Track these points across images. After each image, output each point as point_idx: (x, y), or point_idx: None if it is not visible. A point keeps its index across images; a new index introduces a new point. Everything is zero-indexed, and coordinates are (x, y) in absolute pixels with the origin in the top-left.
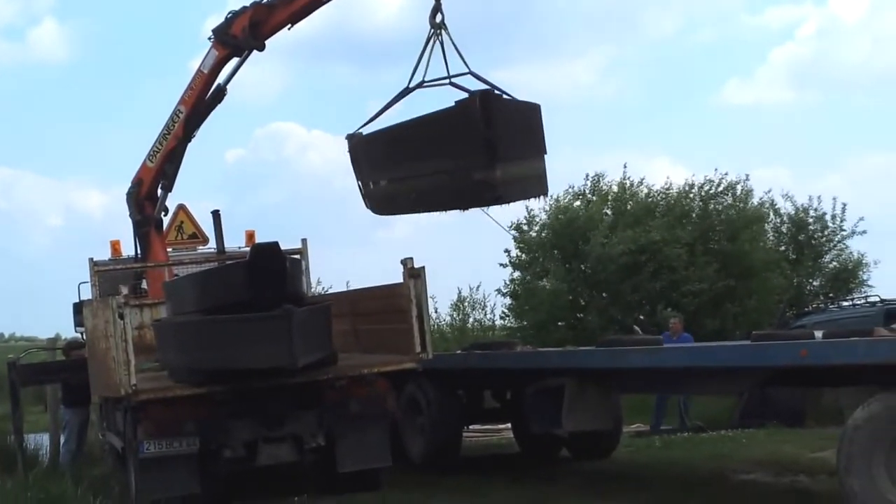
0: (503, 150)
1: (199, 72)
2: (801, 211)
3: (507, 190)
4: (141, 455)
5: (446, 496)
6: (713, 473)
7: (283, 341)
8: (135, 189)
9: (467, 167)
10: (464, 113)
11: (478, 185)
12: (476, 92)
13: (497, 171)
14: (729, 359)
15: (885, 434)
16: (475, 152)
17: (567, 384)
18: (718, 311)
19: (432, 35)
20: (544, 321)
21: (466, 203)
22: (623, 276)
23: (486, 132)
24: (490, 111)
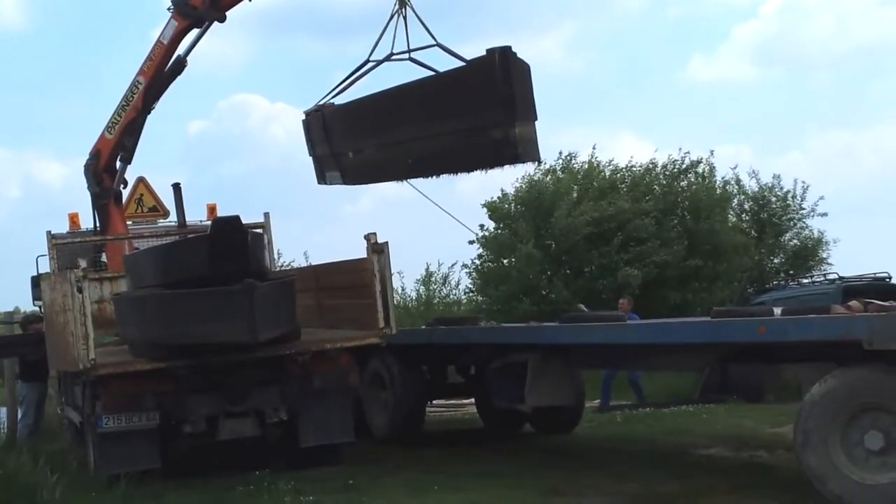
0: (520, 108)
1: (158, 43)
2: (765, 189)
3: (525, 149)
4: (100, 429)
5: (409, 470)
6: (673, 448)
7: (245, 316)
8: (93, 161)
9: (483, 125)
10: (482, 70)
11: (496, 144)
12: (494, 49)
13: (516, 128)
14: (689, 335)
15: (841, 410)
16: (494, 109)
17: (530, 360)
18: (685, 287)
19: (396, 9)
20: (513, 294)
21: (479, 164)
22: (589, 247)
23: (505, 88)
24: (508, 67)
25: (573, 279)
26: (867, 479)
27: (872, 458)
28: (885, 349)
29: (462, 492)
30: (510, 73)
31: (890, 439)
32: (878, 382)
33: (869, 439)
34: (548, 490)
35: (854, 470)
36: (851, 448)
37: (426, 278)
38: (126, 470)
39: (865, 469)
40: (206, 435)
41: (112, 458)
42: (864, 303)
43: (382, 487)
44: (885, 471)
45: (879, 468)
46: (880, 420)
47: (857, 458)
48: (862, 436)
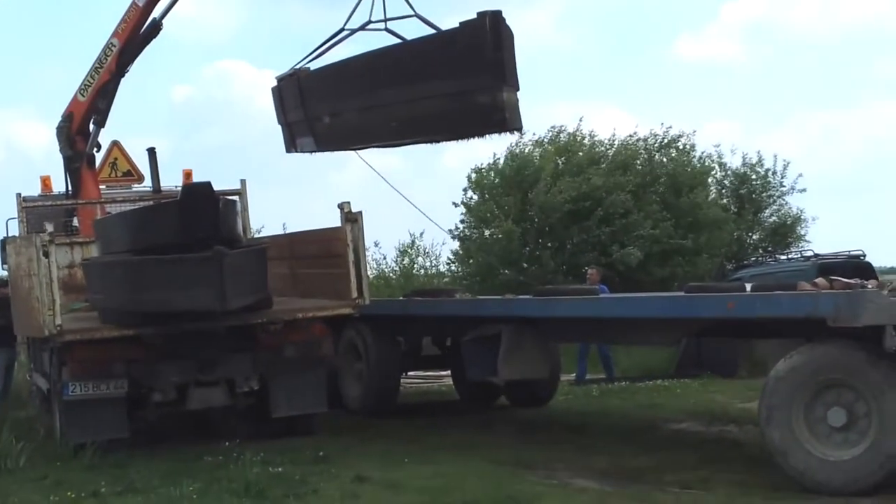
0: (508, 74)
1: (133, 4)
2: (746, 167)
3: (511, 115)
4: (66, 397)
5: (381, 442)
6: (646, 422)
7: (213, 283)
8: (65, 123)
9: (470, 89)
10: (471, 33)
11: (483, 109)
12: (486, 12)
13: (503, 93)
14: (660, 309)
15: (805, 386)
16: (482, 73)
17: (504, 332)
18: (668, 263)
19: None
20: (493, 266)
21: (465, 130)
22: (568, 222)
23: (495, 53)
24: (499, 31)
25: (556, 253)
26: (829, 454)
27: (835, 434)
28: (850, 326)
29: (432, 464)
30: (500, 37)
31: (852, 416)
32: (842, 359)
33: (832, 415)
34: (518, 463)
35: (816, 446)
36: (814, 424)
37: (406, 249)
38: (92, 438)
39: (828, 445)
40: (175, 404)
41: (78, 426)
42: (830, 280)
43: (353, 459)
44: (847, 447)
45: (841, 444)
46: (843, 396)
47: (819, 433)
48: (825, 412)
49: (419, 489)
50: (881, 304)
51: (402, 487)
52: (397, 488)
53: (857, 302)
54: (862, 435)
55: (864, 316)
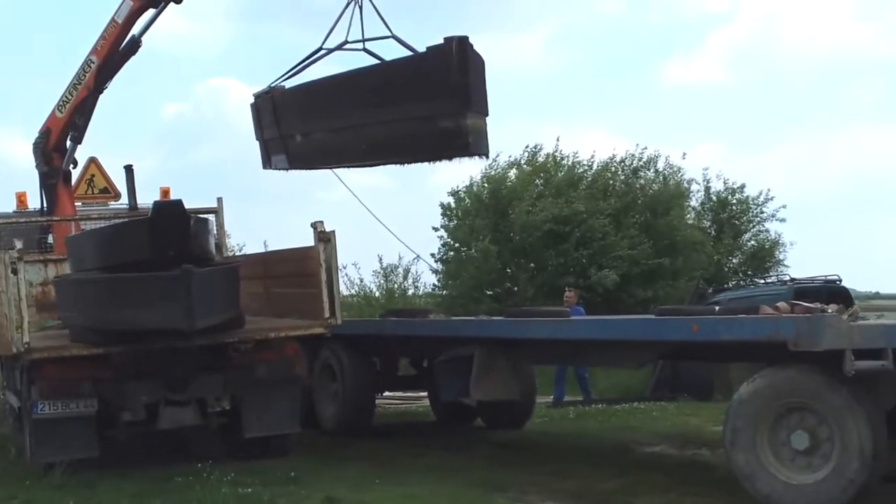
0: (473, 100)
1: (112, 21)
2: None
3: (475, 140)
4: (35, 416)
5: (356, 463)
6: (620, 445)
7: (182, 302)
8: (42, 139)
9: (435, 114)
10: (438, 58)
11: (446, 134)
12: (452, 37)
13: (467, 119)
14: (628, 332)
15: (768, 409)
16: (447, 98)
17: (476, 353)
18: (650, 284)
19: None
20: (472, 288)
21: (430, 153)
22: (548, 244)
23: (461, 78)
24: (465, 57)
25: (536, 274)
26: (793, 478)
27: (799, 457)
28: (810, 350)
29: (404, 485)
30: (466, 62)
31: (815, 439)
32: (803, 383)
33: (795, 439)
34: (490, 485)
35: (781, 469)
36: (778, 447)
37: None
38: (62, 458)
39: (792, 469)
40: (146, 423)
41: (48, 445)
42: (792, 304)
43: (324, 480)
44: (811, 471)
45: (805, 468)
46: (806, 420)
47: (783, 457)
48: (788, 435)
49: None
50: (841, 329)
51: None
52: None
53: (817, 326)
54: (825, 459)
55: (825, 340)
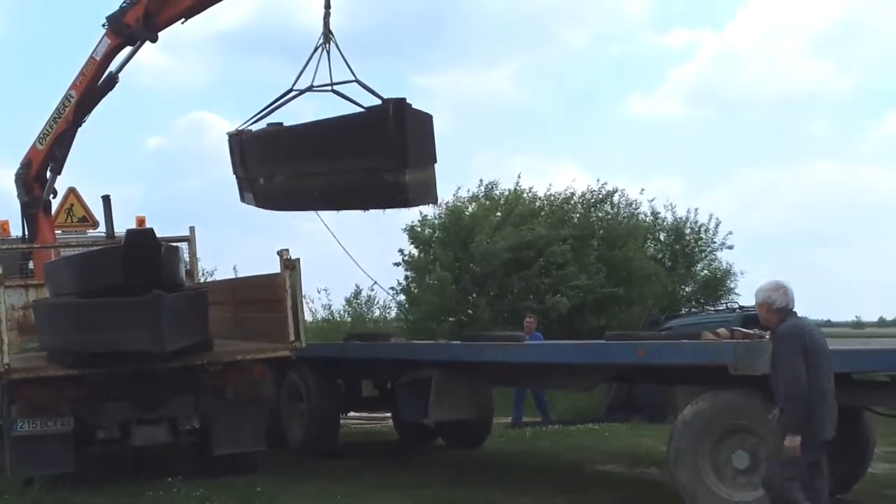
0: (412, 156)
1: (91, 58)
2: (681, 223)
3: (414, 193)
4: (14, 433)
5: (320, 480)
6: (572, 464)
7: (152, 326)
8: (23, 171)
9: (378, 169)
10: (377, 118)
11: (388, 187)
12: (390, 99)
13: (406, 175)
14: (577, 356)
15: (710, 430)
16: (387, 155)
17: (434, 376)
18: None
19: (321, 43)
20: (432, 313)
21: (374, 204)
22: (509, 270)
23: (398, 137)
24: (402, 117)
25: (497, 300)
26: (734, 496)
27: (739, 476)
28: (749, 374)
29: (364, 500)
30: (404, 123)
31: (755, 459)
32: (743, 405)
33: (736, 458)
34: (446, 501)
35: (722, 488)
36: (720, 467)
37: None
38: (40, 473)
39: (733, 487)
40: (119, 440)
41: (26, 460)
42: (732, 330)
43: (289, 495)
44: (750, 489)
45: (745, 486)
46: (746, 441)
47: (724, 476)
48: (729, 455)
49: None
50: None
51: None
52: None
53: (755, 351)
54: None
55: (762, 364)
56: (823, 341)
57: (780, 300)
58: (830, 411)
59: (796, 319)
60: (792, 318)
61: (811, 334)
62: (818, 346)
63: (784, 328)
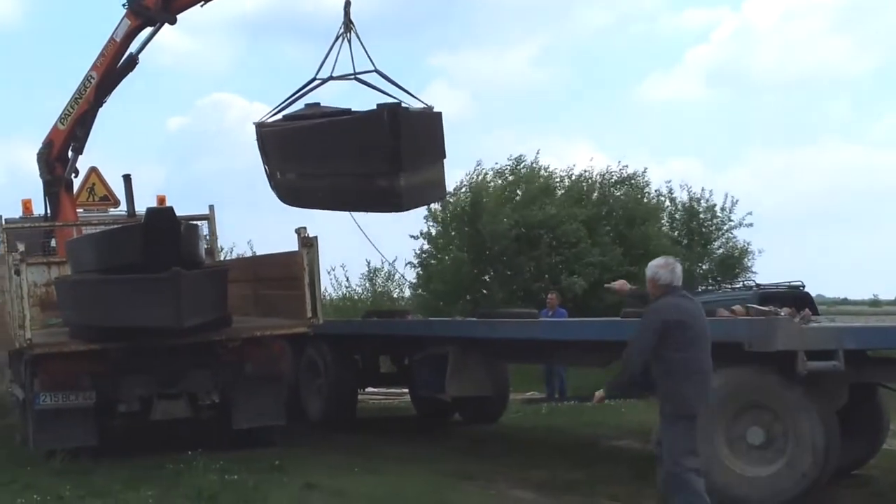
0: (407, 161)
1: (111, 40)
2: (694, 201)
3: (409, 198)
4: (37, 406)
5: (335, 453)
6: (587, 439)
7: (171, 302)
8: (45, 150)
9: (372, 173)
10: (372, 123)
11: (381, 192)
12: (385, 105)
13: (400, 180)
14: (592, 333)
15: (725, 406)
16: (381, 160)
17: (450, 352)
18: None
19: (342, 32)
20: (448, 292)
21: (368, 207)
22: (519, 250)
23: (392, 143)
24: (397, 124)
25: (509, 280)
26: (748, 471)
27: (754, 451)
28: (764, 351)
29: (379, 474)
30: (398, 128)
31: (770, 435)
32: (758, 382)
33: (751, 434)
34: (460, 474)
35: (736, 463)
36: (734, 442)
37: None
38: (62, 446)
39: (747, 462)
40: (140, 415)
41: (49, 434)
42: (747, 308)
43: (307, 468)
44: (765, 464)
45: (760, 462)
46: (761, 417)
47: (739, 451)
48: (744, 431)
49: (363, 496)
50: (793, 331)
51: (348, 495)
52: (343, 496)
53: (771, 328)
54: (779, 453)
55: (777, 342)
56: (701, 322)
57: (665, 277)
58: (696, 389)
59: (674, 298)
60: (671, 296)
61: (684, 313)
62: (689, 325)
63: (656, 303)
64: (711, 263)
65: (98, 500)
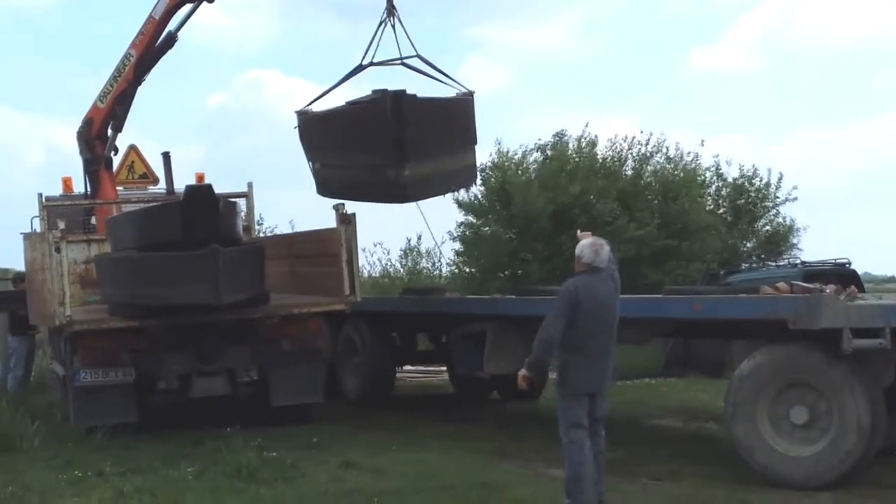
0: (414, 151)
1: (150, 17)
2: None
3: (415, 189)
4: (77, 383)
5: (373, 431)
6: (627, 418)
7: (209, 279)
8: (85, 128)
9: (379, 163)
10: (376, 111)
11: (389, 183)
12: (388, 92)
13: (406, 170)
14: (633, 310)
15: (767, 384)
16: (386, 150)
17: (488, 329)
18: (661, 266)
19: (385, 17)
20: (487, 268)
21: (377, 198)
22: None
23: (396, 132)
24: (401, 111)
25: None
26: (791, 450)
27: (797, 431)
28: (808, 328)
29: (416, 452)
30: (402, 115)
31: (814, 414)
32: (802, 360)
33: (794, 413)
34: (497, 453)
35: (779, 442)
36: (777, 421)
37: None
38: (102, 422)
39: (790, 441)
40: (179, 392)
41: (89, 410)
42: (791, 285)
43: (344, 446)
44: (808, 444)
45: (803, 441)
46: (805, 395)
47: (782, 430)
48: (787, 410)
49: (400, 475)
50: (838, 308)
51: (385, 473)
52: (380, 473)
53: (816, 305)
54: (823, 432)
55: (822, 319)
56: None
57: (587, 256)
58: (584, 369)
59: (588, 278)
60: (587, 275)
61: (586, 293)
62: (586, 306)
63: (570, 281)
64: (757, 241)
65: (138, 476)
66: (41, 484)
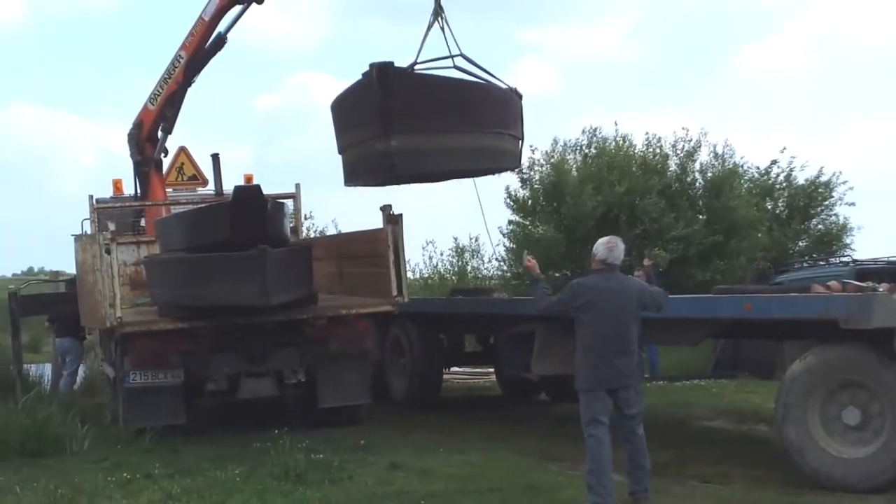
0: (403, 120)
1: (200, 19)
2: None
3: (405, 161)
4: (127, 385)
5: (420, 432)
6: (676, 419)
7: (258, 280)
8: (136, 130)
9: (369, 137)
10: (366, 85)
11: (378, 155)
12: (375, 64)
13: (392, 140)
14: (680, 310)
15: (819, 385)
16: (375, 123)
17: (537, 330)
18: (708, 265)
19: (433, 20)
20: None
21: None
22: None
23: (382, 102)
24: (387, 81)
25: None
26: (844, 453)
27: (849, 432)
28: (861, 328)
29: (464, 454)
30: (388, 85)
31: (866, 415)
32: (855, 360)
33: (846, 414)
34: (545, 455)
35: (831, 444)
36: (829, 422)
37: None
38: (151, 424)
39: (842, 443)
40: (227, 393)
41: (138, 412)
42: (844, 283)
43: (391, 448)
44: (861, 445)
45: (856, 443)
46: (857, 396)
47: (834, 432)
48: (840, 411)
49: (448, 477)
50: (891, 307)
51: (433, 475)
52: (428, 475)
53: (868, 305)
54: (876, 434)
55: (875, 318)
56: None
57: (601, 254)
58: (594, 368)
59: (599, 277)
60: (600, 273)
61: (594, 293)
62: (595, 305)
63: (576, 280)
64: (809, 240)
65: (187, 477)
66: (90, 486)
